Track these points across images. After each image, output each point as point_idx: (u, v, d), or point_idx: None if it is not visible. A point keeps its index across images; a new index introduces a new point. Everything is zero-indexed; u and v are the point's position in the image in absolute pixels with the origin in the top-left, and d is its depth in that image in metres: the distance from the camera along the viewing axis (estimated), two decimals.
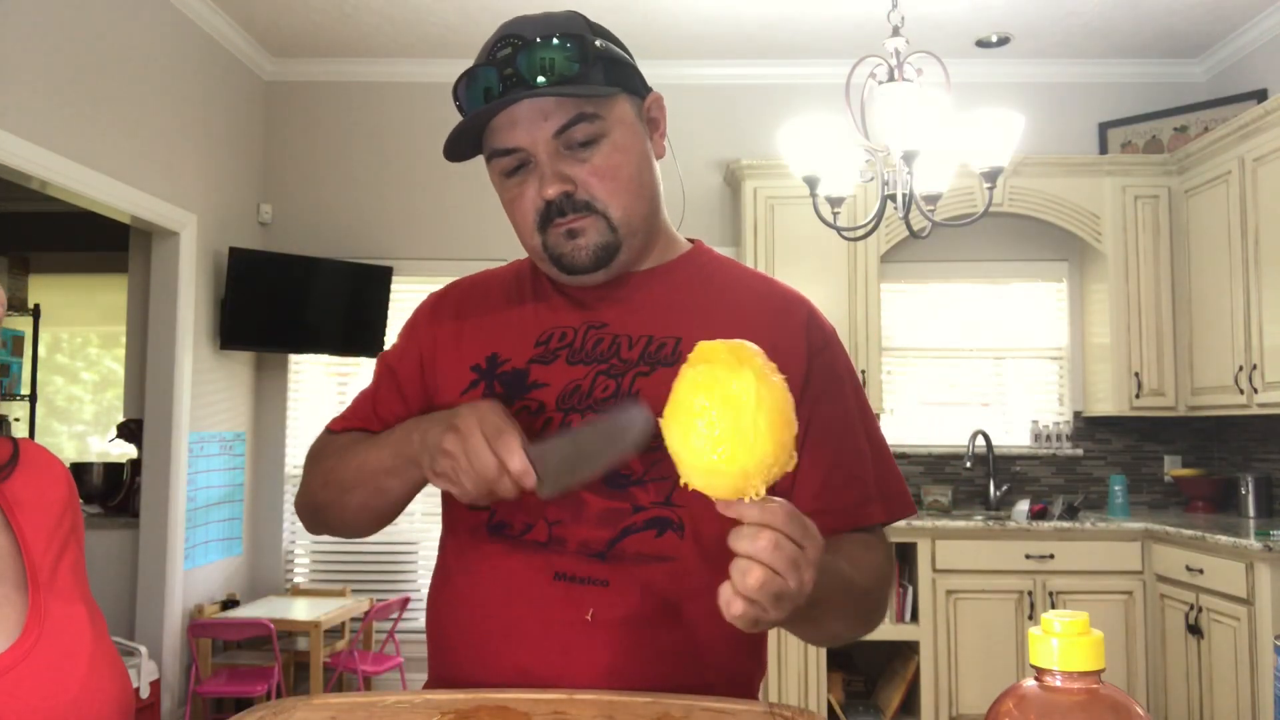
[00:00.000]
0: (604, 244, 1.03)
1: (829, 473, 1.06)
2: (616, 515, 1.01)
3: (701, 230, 4.64)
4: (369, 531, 1.13)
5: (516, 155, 1.02)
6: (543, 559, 1.02)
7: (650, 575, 1.00)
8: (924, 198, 3.09)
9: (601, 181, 1.02)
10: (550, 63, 0.98)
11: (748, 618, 0.77)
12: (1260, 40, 4.24)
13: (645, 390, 1.03)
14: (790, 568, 0.77)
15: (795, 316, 1.10)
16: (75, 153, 3.31)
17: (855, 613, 1.01)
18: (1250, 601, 3.27)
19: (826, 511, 1.06)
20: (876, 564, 1.05)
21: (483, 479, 0.90)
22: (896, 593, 3.96)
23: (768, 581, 0.76)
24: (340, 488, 1.09)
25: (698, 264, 1.14)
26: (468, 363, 1.10)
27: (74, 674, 0.78)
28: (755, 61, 4.67)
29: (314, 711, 0.87)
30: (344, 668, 3.99)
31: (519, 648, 1.01)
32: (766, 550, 0.76)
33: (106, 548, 4.01)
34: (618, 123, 1.03)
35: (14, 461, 0.85)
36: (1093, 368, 4.49)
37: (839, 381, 1.10)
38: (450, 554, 1.11)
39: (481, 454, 0.89)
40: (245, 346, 4.40)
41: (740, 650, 1.07)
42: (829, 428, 1.07)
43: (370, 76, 4.71)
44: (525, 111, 1.00)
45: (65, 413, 5.93)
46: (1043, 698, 0.55)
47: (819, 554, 0.80)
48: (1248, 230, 3.76)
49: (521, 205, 1.04)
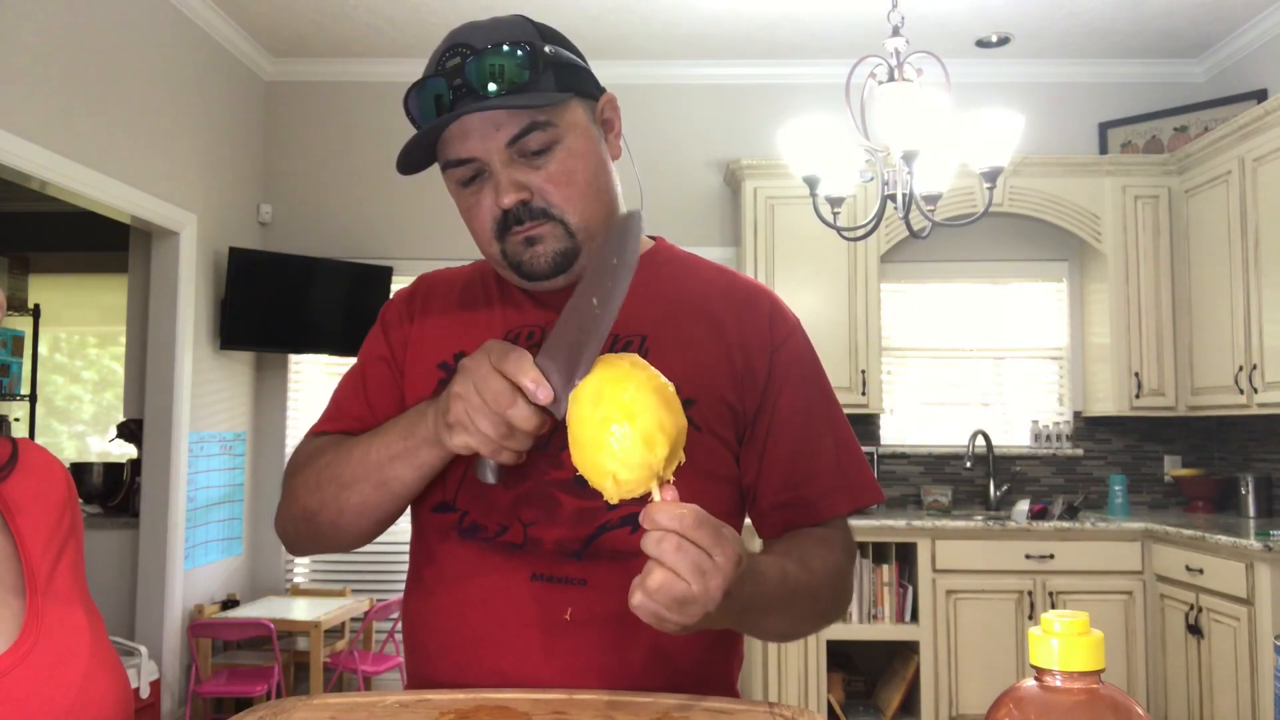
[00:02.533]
0: (562, 250, 1.03)
1: (791, 465, 1.07)
2: (591, 514, 1.01)
3: (701, 230, 4.65)
4: (363, 539, 1.07)
5: (471, 165, 1.01)
6: (519, 560, 1.01)
7: (627, 573, 0.99)
8: (924, 198, 3.09)
9: (557, 188, 1.01)
10: (500, 71, 0.97)
11: (645, 613, 0.79)
12: (1260, 40, 4.24)
13: None
14: (694, 572, 0.77)
15: (759, 309, 1.11)
16: (75, 153, 3.31)
17: (803, 613, 1.01)
18: (1250, 601, 3.27)
19: (789, 505, 1.07)
20: (832, 562, 1.04)
21: (497, 409, 0.86)
22: (896, 593, 3.96)
23: (667, 584, 0.77)
24: (338, 486, 1.04)
25: (660, 261, 1.14)
26: (435, 361, 1.10)
27: (72, 676, 0.78)
28: (755, 61, 4.67)
29: (314, 711, 0.87)
30: (344, 668, 3.99)
31: (497, 650, 1.00)
32: (669, 553, 0.77)
33: (106, 548, 4.01)
34: (571, 128, 1.02)
35: (13, 462, 0.85)
36: (1093, 368, 4.49)
37: (803, 373, 1.11)
38: (422, 559, 1.09)
39: (491, 380, 0.86)
40: (245, 346, 4.40)
41: (718, 645, 1.07)
42: (792, 419, 1.08)
43: (370, 76, 4.71)
44: (477, 122, 0.99)
45: (65, 413, 5.93)
46: (1043, 698, 0.55)
47: (730, 563, 0.80)
48: (1248, 230, 3.76)
49: (479, 214, 1.04)
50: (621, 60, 4.62)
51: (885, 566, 3.96)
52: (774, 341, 1.09)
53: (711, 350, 1.07)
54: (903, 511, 4.37)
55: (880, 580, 3.96)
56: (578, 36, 5.38)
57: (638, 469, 0.79)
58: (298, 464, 1.12)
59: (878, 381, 4.30)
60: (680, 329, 1.07)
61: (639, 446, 0.78)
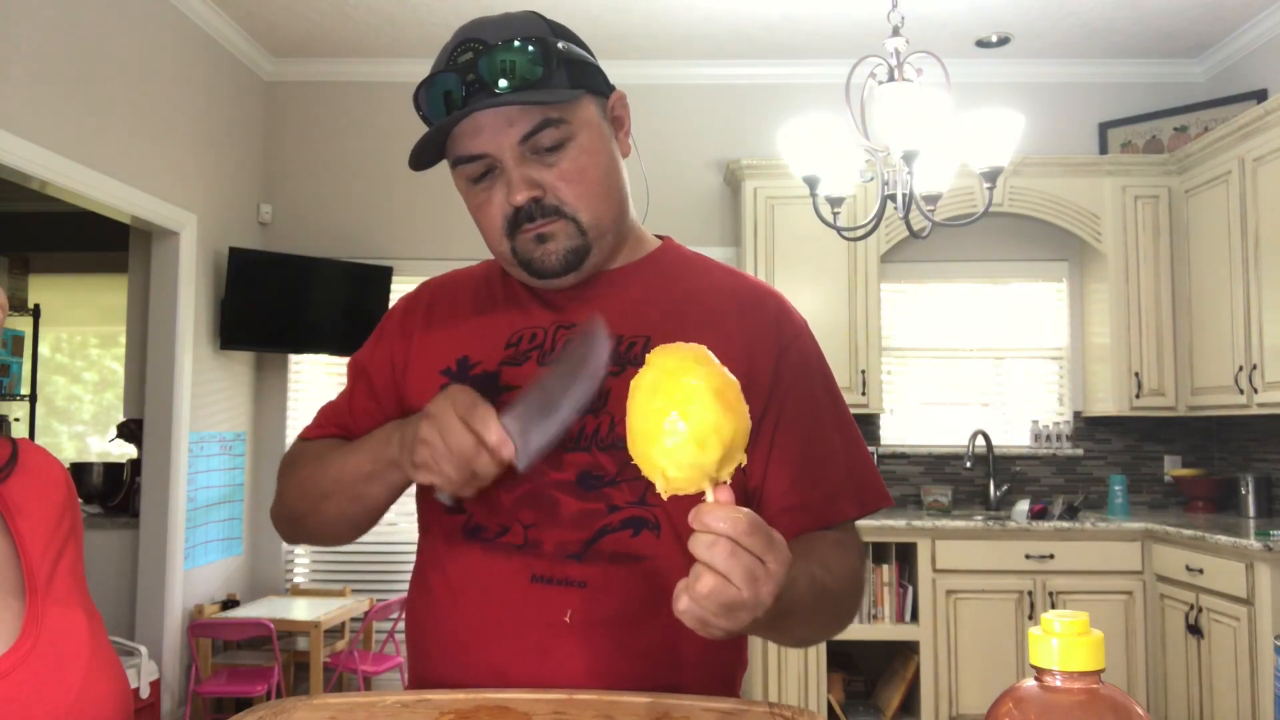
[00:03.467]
0: (574, 248, 1.03)
1: (800, 468, 1.05)
2: (592, 516, 1.01)
3: (701, 230, 4.64)
4: (348, 539, 1.12)
5: (483, 161, 1.01)
6: (520, 561, 1.01)
7: (628, 575, 0.99)
8: (924, 198, 3.09)
9: (570, 185, 1.01)
10: (512, 66, 0.96)
11: (691, 618, 0.76)
12: (1260, 40, 4.24)
13: (615, 390, 1.02)
14: (746, 579, 0.75)
15: (766, 310, 1.10)
16: (75, 153, 3.31)
17: (826, 619, 1.01)
18: (1250, 601, 3.27)
19: (797, 508, 1.05)
20: (851, 568, 1.04)
21: (461, 458, 0.89)
22: (896, 593, 3.96)
23: (718, 589, 0.75)
24: (318, 495, 1.08)
25: (666, 261, 1.14)
26: (438, 366, 1.10)
27: (72, 678, 0.78)
28: (755, 61, 4.67)
29: (314, 711, 0.87)
30: (344, 668, 3.99)
31: (497, 650, 1.00)
32: (722, 557, 0.74)
33: (106, 548, 4.01)
34: (584, 125, 1.02)
35: (12, 463, 0.85)
36: (1093, 368, 4.49)
37: (810, 374, 1.10)
38: (427, 558, 1.10)
39: (457, 432, 0.89)
40: (245, 346, 4.40)
41: (720, 647, 1.06)
42: (799, 422, 1.06)
43: (370, 76, 4.71)
44: (489, 118, 0.98)
45: (65, 413, 5.93)
46: (1043, 698, 0.55)
47: (782, 570, 0.78)
48: (1248, 230, 3.76)
49: (489, 211, 1.03)
50: (622, 60, 4.62)
51: (885, 566, 3.96)
52: (781, 343, 1.08)
53: (716, 351, 1.07)
54: (903, 511, 4.37)
55: (880, 580, 3.96)
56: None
57: (688, 469, 0.76)
58: (286, 467, 1.16)
59: (878, 381, 4.30)
60: (685, 329, 1.06)
61: (691, 446, 0.75)
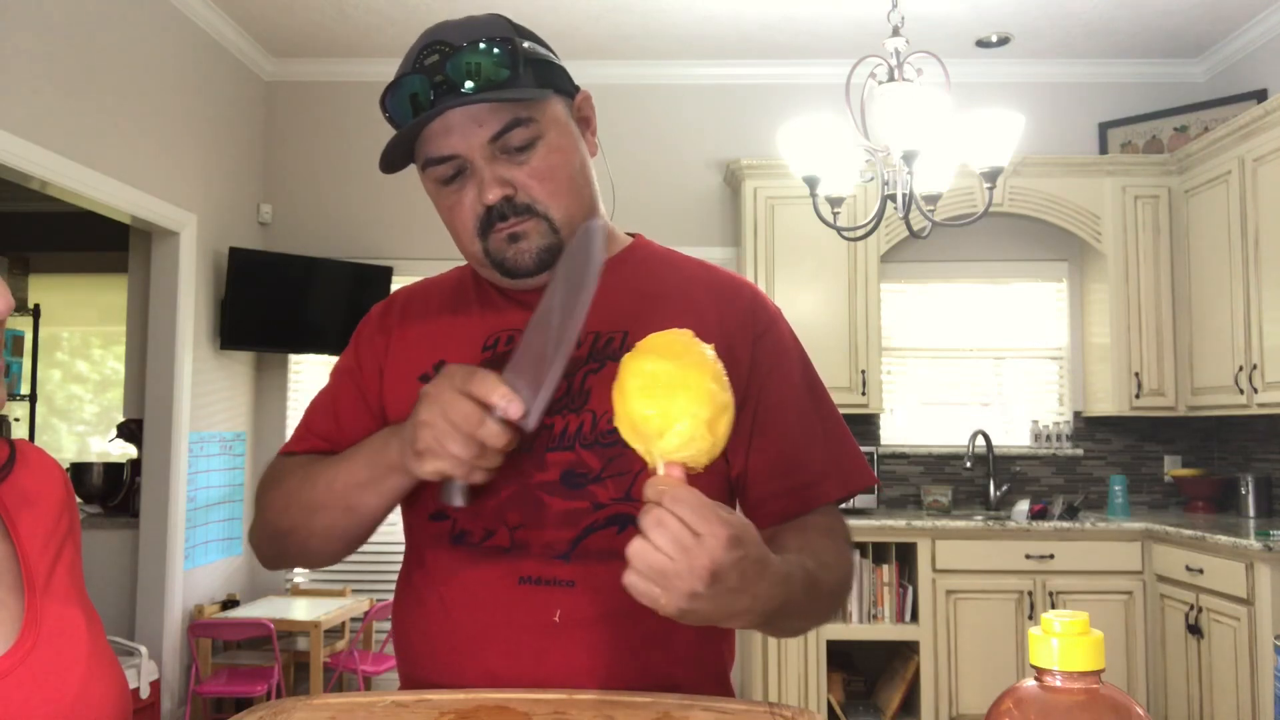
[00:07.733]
0: (546, 246, 1.03)
1: (780, 454, 1.06)
2: (577, 515, 1.01)
3: (701, 230, 4.65)
4: (335, 558, 1.09)
5: (453, 163, 1.01)
6: (507, 564, 1.01)
7: (615, 573, 0.99)
8: (924, 198, 3.09)
9: (541, 183, 1.01)
10: (479, 68, 0.97)
11: (635, 589, 0.79)
12: (1260, 40, 4.24)
13: (595, 387, 1.03)
14: (675, 547, 0.77)
15: (740, 300, 1.11)
16: (75, 153, 3.31)
17: (820, 611, 1.02)
18: (1250, 601, 3.27)
19: (780, 494, 1.06)
20: (841, 555, 1.05)
21: (466, 432, 0.88)
22: (896, 593, 3.96)
23: (643, 551, 0.77)
24: (306, 510, 1.05)
25: (639, 257, 1.15)
26: (416, 373, 1.09)
27: (71, 678, 0.78)
28: (755, 61, 4.67)
29: (314, 711, 0.87)
30: (344, 668, 3.99)
31: (487, 653, 1.00)
32: (650, 525, 0.77)
33: (106, 548, 4.01)
34: (552, 124, 1.03)
35: (11, 463, 0.85)
36: (1093, 368, 4.49)
37: (787, 360, 1.10)
38: (413, 563, 1.10)
39: (458, 403, 0.88)
40: (245, 346, 4.40)
41: (709, 642, 1.06)
42: (778, 408, 1.07)
43: (370, 76, 4.70)
44: (459, 118, 0.99)
45: (65, 413, 5.93)
46: (1043, 698, 0.55)
47: (721, 544, 0.78)
48: (1248, 230, 3.76)
49: (460, 212, 1.03)
50: (621, 60, 4.62)
51: (885, 566, 3.96)
52: (756, 330, 1.09)
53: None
54: (903, 511, 4.37)
55: (880, 580, 3.96)
56: (578, 36, 5.33)
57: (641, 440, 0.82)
58: (266, 485, 1.13)
59: (878, 381, 4.30)
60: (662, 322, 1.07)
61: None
